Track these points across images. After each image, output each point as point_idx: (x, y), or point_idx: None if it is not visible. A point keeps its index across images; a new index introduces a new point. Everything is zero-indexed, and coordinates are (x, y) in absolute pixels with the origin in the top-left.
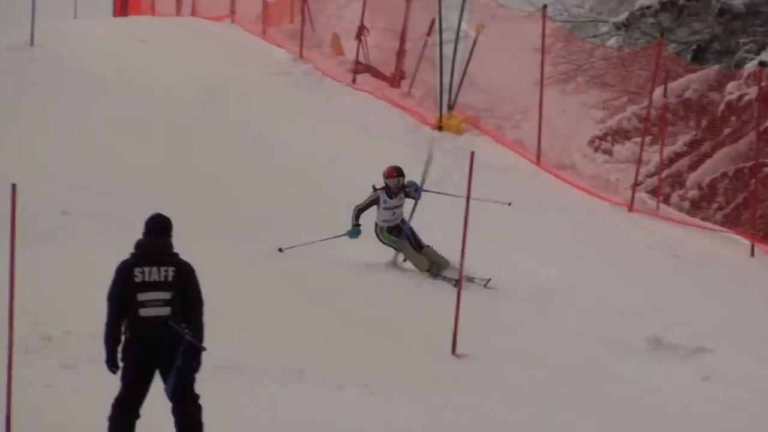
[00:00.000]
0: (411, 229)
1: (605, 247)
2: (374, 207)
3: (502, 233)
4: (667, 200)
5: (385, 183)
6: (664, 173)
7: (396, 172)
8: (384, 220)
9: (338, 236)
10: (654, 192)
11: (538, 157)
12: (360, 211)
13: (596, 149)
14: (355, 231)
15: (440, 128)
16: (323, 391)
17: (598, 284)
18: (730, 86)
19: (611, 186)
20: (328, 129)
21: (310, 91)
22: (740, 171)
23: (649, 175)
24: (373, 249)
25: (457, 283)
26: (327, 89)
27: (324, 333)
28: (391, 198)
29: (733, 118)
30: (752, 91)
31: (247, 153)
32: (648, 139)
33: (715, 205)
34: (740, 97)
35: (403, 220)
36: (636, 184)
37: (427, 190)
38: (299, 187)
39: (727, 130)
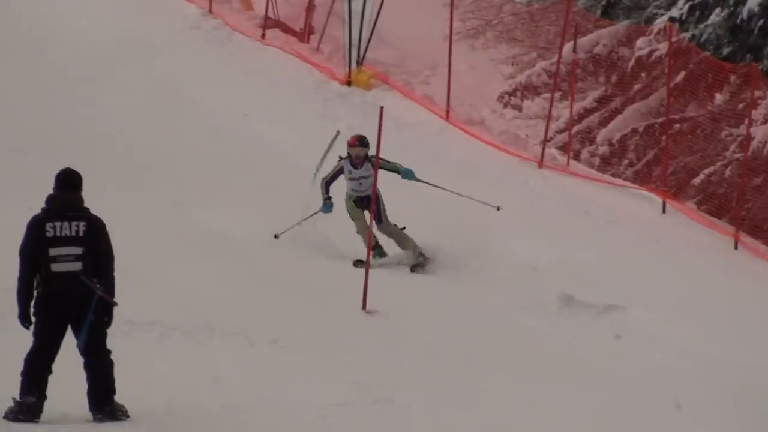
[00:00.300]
0: (380, 202)
1: (515, 203)
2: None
3: (411, 190)
4: (577, 156)
5: (348, 152)
6: (574, 129)
7: (358, 142)
8: (353, 190)
9: (314, 214)
10: (564, 148)
11: (448, 112)
12: (327, 182)
13: (506, 105)
14: (327, 206)
15: (349, 83)
16: (234, 346)
17: (509, 241)
18: (640, 42)
19: (521, 141)
20: (238, 84)
21: (219, 47)
22: (651, 127)
23: (559, 131)
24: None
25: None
26: (236, 44)
27: (235, 289)
28: (355, 168)
29: (643, 74)
30: (662, 47)
31: (157, 108)
32: (558, 94)
33: (625, 162)
34: (650, 53)
35: (375, 193)
36: (546, 140)
37: (419, 180)
38: (210, 142)
39: (637, 86)
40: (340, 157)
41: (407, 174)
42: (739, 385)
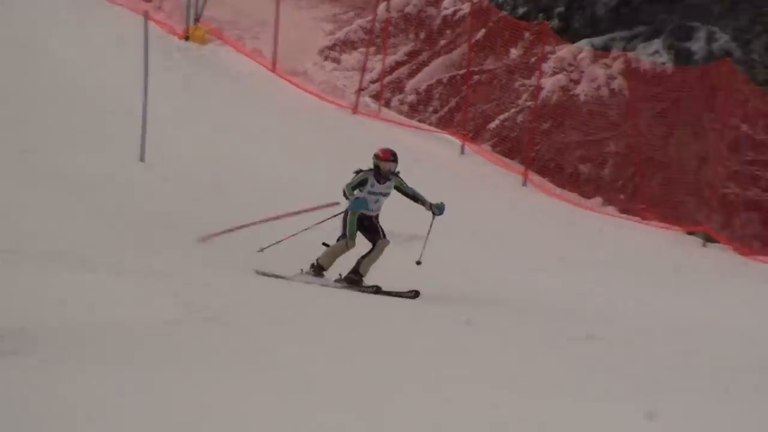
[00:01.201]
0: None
1: (332, 146)
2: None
3: (242, 132)
4: (388, 104)
5: (376, 165)
6: (386, 80)
7: (392, 156)
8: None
9: (338, 215)
10: (377, 96)
11: (274, 64)
12: (352, 187)
13: (326, 58)
14: (360, 201)
15: (187, 38)
16: (79, 273)
17: (329, 180)
18: (446, 2)
19: (338, 91)
20: (85, 39)
21: (71, 3)
22: (453, 78)
23: (373, 82)
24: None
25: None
26: (84, 3)
27: (78, 221)
28: (379, 182)
29: (448, 32)
30: (465, 7)
31: (10, 58)
32: (372, 49)
33: (430, 109)
34: (454, 13)
35: (377, 217)
36: (360, 90)
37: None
38: (60, 91)
39: (442, 42)
40: (361, 170)
41: (442, 209)
42: (522, 301)
